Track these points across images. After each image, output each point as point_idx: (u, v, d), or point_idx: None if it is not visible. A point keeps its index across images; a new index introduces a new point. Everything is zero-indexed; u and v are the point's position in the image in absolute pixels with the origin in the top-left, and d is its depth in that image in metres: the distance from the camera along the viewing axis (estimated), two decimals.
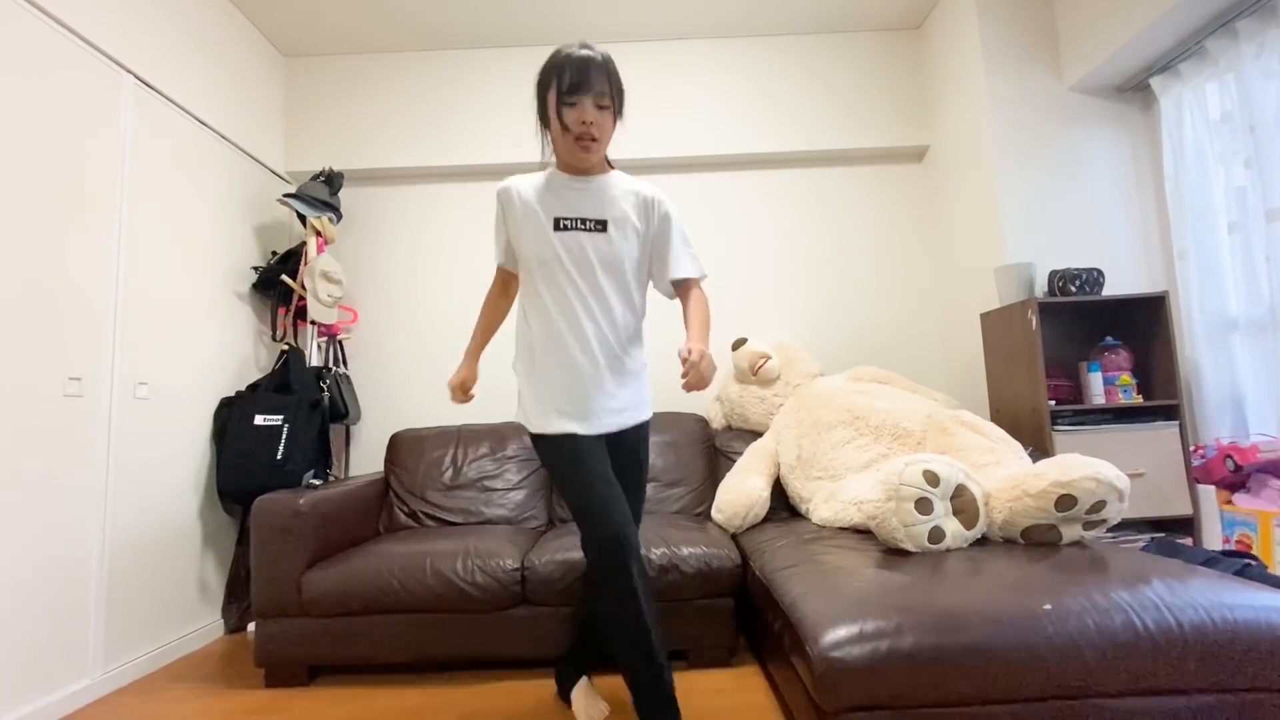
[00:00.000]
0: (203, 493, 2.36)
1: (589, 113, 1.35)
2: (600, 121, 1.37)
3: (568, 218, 1.42)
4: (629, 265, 1.45)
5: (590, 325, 1.41)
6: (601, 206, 1.44)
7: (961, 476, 1.63)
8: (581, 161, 1.42)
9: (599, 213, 1.43)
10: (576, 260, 1.41)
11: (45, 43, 1.82)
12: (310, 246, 2.64)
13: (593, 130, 1.36)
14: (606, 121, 1.39)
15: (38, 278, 1.76)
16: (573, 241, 1.41)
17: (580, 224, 1.42)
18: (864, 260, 3.01)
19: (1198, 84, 2.21)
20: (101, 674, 1.89)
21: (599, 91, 1.35)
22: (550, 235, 1.41)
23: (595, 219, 1.43)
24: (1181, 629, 1.17)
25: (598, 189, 1.45)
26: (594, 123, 1.36)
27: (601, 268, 1.42)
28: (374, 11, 2.76)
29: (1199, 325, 2.22)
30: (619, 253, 1.43)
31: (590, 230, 1.42)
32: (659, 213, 1.48)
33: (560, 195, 1.44)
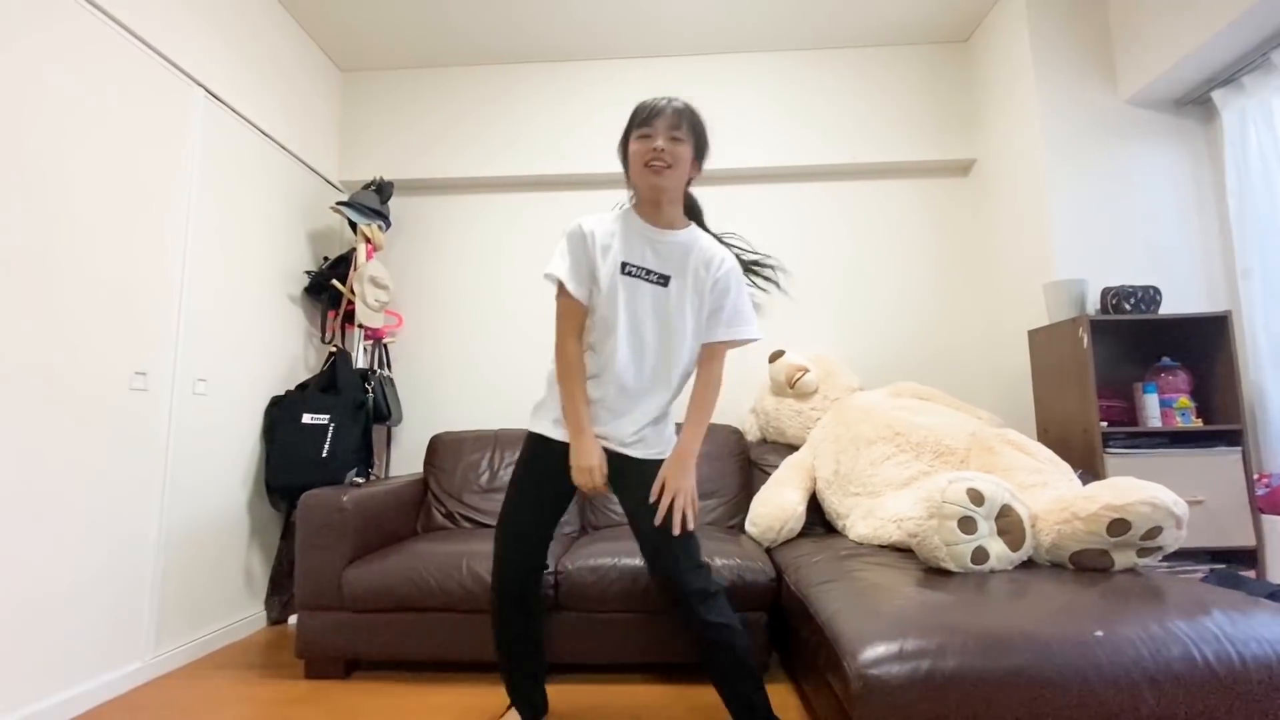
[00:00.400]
0: (251, 487, 2.45)
1: (660, 140, 1.38)
2: (673, 150, 1.38)
3: (634, 265, 1.44)
4: (679, 321, 1.46)
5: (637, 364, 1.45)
6: (668, 263, 1.46)
7: (1007, 496, 1.59)
8: (654, 188, 1.41)
9: (666, 268, 1.45)
10: (629, 305, 1.43)
11: (127, 58, 1.94)
12: (360, 252, 2.73)
13: (664, 156, 1.38)
14: (681, 151, 1.40)
15: (111, 276, 1.86)
16: (634, 288, 1.44)
17: (645, 274, 1.44)
18: (907, 274, 2.97)
19: (1263, 97, 2.13)
20: (152, 657, 1.97)
21: (672, 124, 1.38)
22: (616, 278, 1.43)
23: (659, 273, 1.45)
24: (1244, 662, 1.11)
25: (670, 244, 1.47)
26: (665, 149, 1.37)
27: (655, 318, 1.45)
28: (426, 29, 2.86)
29: (1264, 347, 2.12)
30: (673, 308, 1.45)
31: (653, 282, 1.44)
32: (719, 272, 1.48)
33: (633, 243, 1.46)
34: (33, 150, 1.65)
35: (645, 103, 1.42)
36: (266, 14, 2.59)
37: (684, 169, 1.42)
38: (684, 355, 1.49)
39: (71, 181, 1.75)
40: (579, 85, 3.07)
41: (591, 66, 3.07)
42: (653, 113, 1.39)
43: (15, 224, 1.60)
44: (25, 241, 1.62)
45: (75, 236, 1.75)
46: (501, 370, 3.01)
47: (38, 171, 1.66)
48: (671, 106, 1.40)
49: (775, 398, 2.62)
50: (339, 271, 2.75)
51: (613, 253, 1.44)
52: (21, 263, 1.61)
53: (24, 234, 1.62)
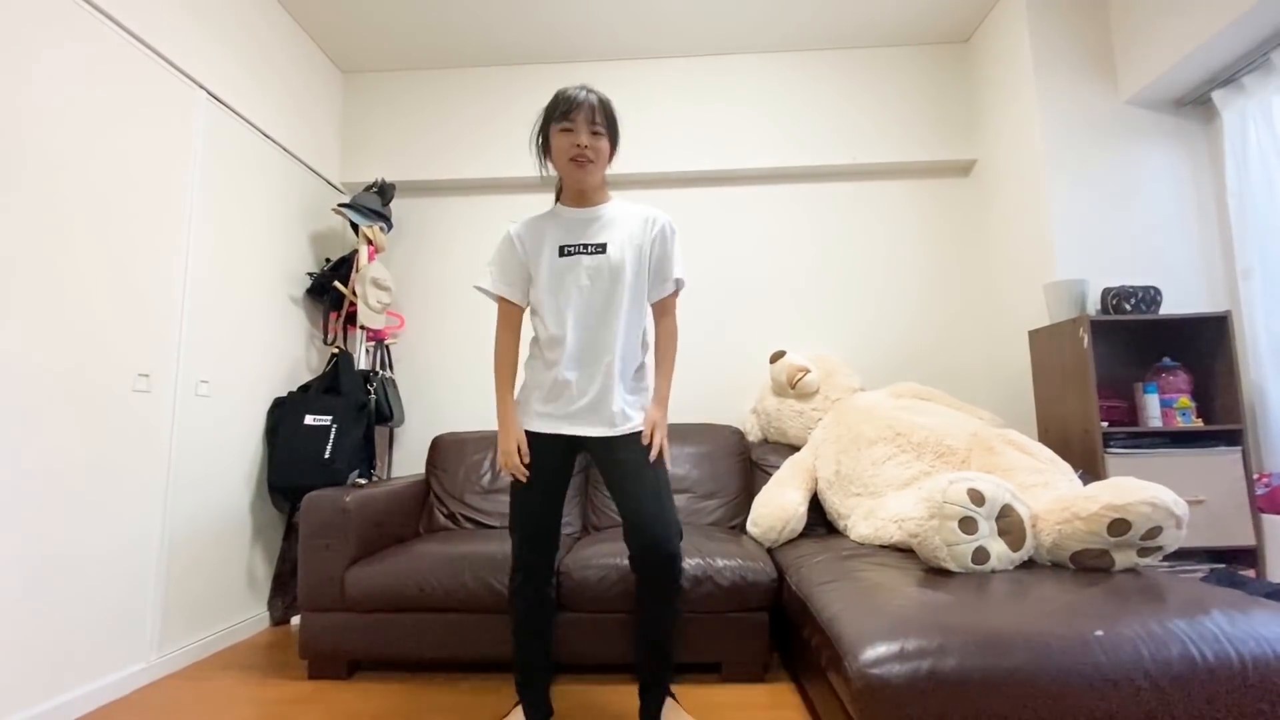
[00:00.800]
0: (254, 488, 2.45)
1: (583, 136, 1.47)
2: (595, 144, 1.49)
3: (571, 244, 1.54)
4: (625, 278, 1.53)
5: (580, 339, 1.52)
6: (601, 232, 1.56)
7: (1008, 496, 1.59)
8: (579, 181, 1.53)
9: (599, 237, 1.55)
10: (577, 281, 1.52)
11: (129, 61, 1.95)
12: (362, 254, 2.74)
13: (588, 153, 1.48)
14: (602, 146, 1.51)
15: (113, 278, 1.87)
16: (575, 265, 1.53)
17: (582, 249, 1.54)
18: (908, 275, 2.97)
19: (1263, 98, 2.13)
20: (156, 658, 1.98)
21: (591, 119, 1.48)
22: (557, 262, 1.53)
23: (595, 243, 1.54)
24: (1243, 662, 1.12)
25: (598, 218, 1.57)
26: (588, 146, 1.48)
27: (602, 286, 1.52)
28: (427, 30, 2.87)
29: (1265, 346, 2.12)
30: (616, 267, 1.52)
31: (591, 253, 1.53)
32: (657, 227, 1.58)
33: (564, 226, 1.57)
34: (34, 152, 1.65)
35: (564, 93, 1.51)
36: (267, 16, 2.60)
37: (604, 160, 1.54)
38: (636, 316, 1.57)
39: (73, 183, 1.76)
40: None
41: (592, 67, 3.08)
42: (572, 105, 1.48)
43: (17, 226, 1.61)
44: (27, 244, 1.63)
45: (77, 238, 1.76)
46: None
47: (39, 174, 1.66)
48: (589, 99, 1.49)
49: (776, 398, 2.62)
50: (341, 273, 2.76)
51: (547, 244, 1.55)
52: (24, 265, 1.62)
53: (26, 237, 1.63)
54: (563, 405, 1.52)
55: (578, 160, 1.49)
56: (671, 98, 3.05)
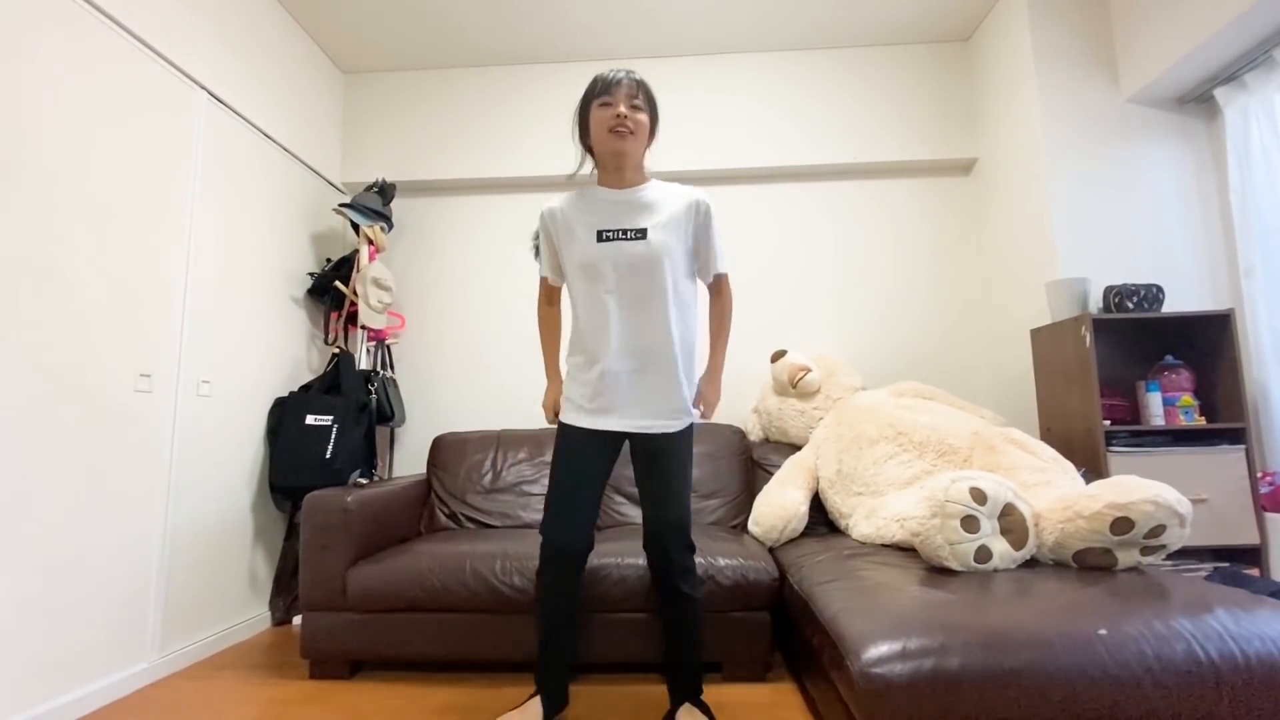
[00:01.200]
0: (255, 488, 2.45)
1: (622, 107, 1.46)
2: (634, 116, 1.47)
3: (609, 229, 1.50)
4: (668, 263, 1.50)
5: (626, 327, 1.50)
6: (640, 216, 1.52)
7: (1010, 495, 1.59)
8: (618, 155, 1.49)
9: (638, 222, 1.51)
10: (618, 268, 1.48)
11: (130, 61, 1.95)
12: (362, 254, 2.74)
13: (627, 122, 1.46)
14: (642, 119, 1.48)
15: (115, 278, 1.87)
16: (615, 251, 1.49)
17: (622, 234, 1.49)
18: (909, 273, 2.97)
19: (1265, 95, 2.13)
20: (158, 658, 1.98)
21: (631, 94, 1.46)
22: (594, 248, 1.49)
23: (635, 229, 1.50)
24: (1247, 660, 1.12)
25: (637, 200, 1.54)
26: (627, 115, 1.46)
27: (643, 272, 1.49)
28: (427, 30, 2.87)
29: (1267, 344, 2.12)
30: (657, 253, 1.49)
31: (631, 239, 1.49)
32: (700, 209, 1.56)
33: (602, 210, 1.53)
34: (35, 153, 1.65)
35: (602, 74, 1.50)
36: (268, 16, 2.60)
37: (644, 136, 1.51)
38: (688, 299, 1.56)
39: (74, 184, 1.76)
40: (581, 86, 3.04)
41: (593, 68, 3.07)
42: (611, 83, 1.47)
43: (18, 227, 1.61)
44: (28, 244, 1.63)
45: (78, 239, 1.76)
46: (504, 371, 3.01)
47: (40, 174, 1.66)
48: (629, 77, 1.48)
49: (778, 397, 2.62)
50: (341, 273, 2.76)
51: (581, 227, 1.52)
52: (25, 265, 1.62)
53: (27, 237, 1.63)
54: (609, 399, 1.51)
55: (617, 131, 1.46)
56: (672, 97, 3.04)
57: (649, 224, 1.50)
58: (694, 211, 1.55)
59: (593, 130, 1.50)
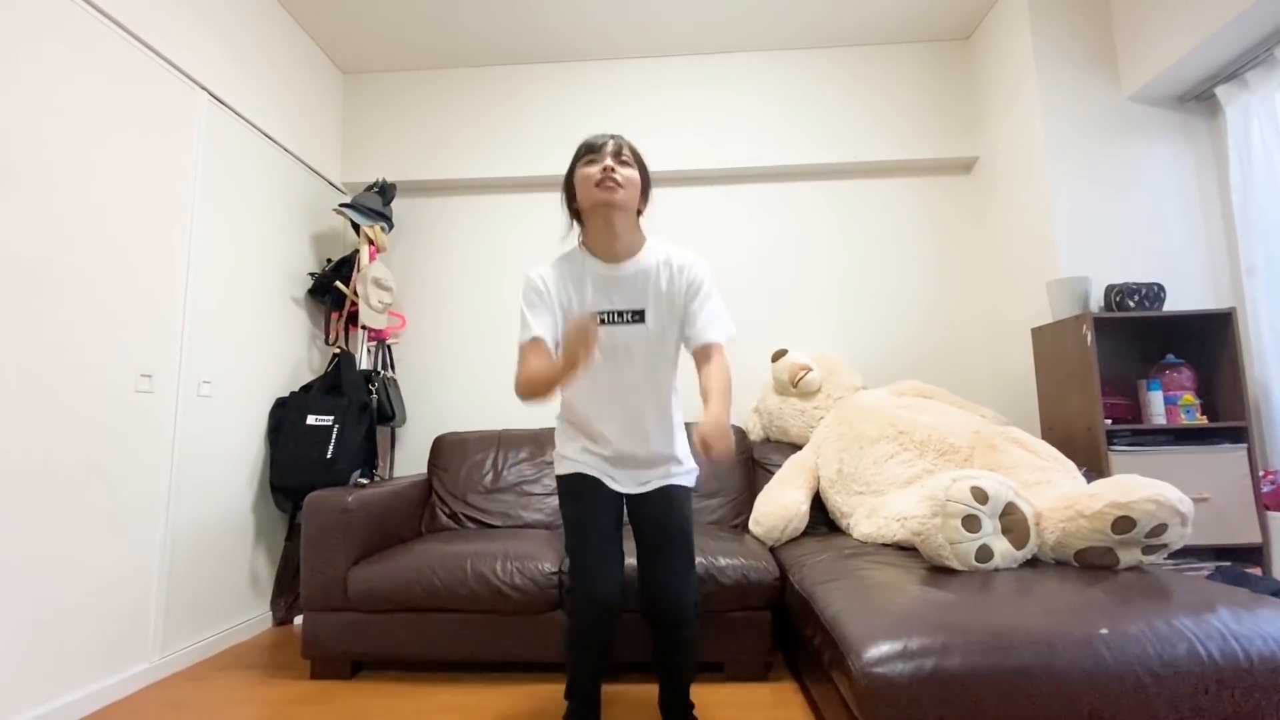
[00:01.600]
0: (256, 488, 2.46)
1: (608, 161, 1.37)
2: (621, 170, 1.37)
3: (608, 312, 1.42)
4: (665, 345, 1.46)
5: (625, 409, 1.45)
6: (637, 295, 1.43)
7: (1011, 494, 1.59)
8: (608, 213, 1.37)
9: (637, 303, 1.43)
10: (617, 352, 1.42)
11: (131, 62, 1.95)
12: (363, 254, 2.74)
13: (615, 175, 1.35)
14: (630, 174, 1.39)
15: (116, 279, 1.87)
16: (613, 335, 1.42)
17: (619, 317, 1.42)
18: (910, 273, 2.96)
19: (1266, 93, 2.12)
20: (160, 658, 1.98)
21: (616, 152, 1.39)
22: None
23: (633, 310, 1.42)
24: (1249, 660, 1.11)
25: (633, 274, 1.43)
26: (615, 169, 1.36)
27: (640, 357, 1.43)
28: (427, 30, 2.86)
29: (1269, 343, 2.12)
30: (656, 338, 1.44)
31: (629, 323, 1.42)
32: (687, 279, 1.45)
33: (598, 287, 1.43)
34: (36, 154, 1.65)
35: (586, 139, 1.43)
36: (268, 17, 2.60)
37: (634, 192, 1.40)
38: (672, 375, 1.50)
39: (75, 185, 1.76)
40: (580, 86, 3.07)
41: (592, 67, 3.07)
42: (596, 145, 1.40)
43: (19, 228, 1.61)
44: (30, 245, 1.63)
45: (79, 240, 1.76)
46: (505, 371, 3.01)
47: (41, 175, 1.66)
48: (614, 140, 1.41)
49: (778, 397, 2.62)
50: (342, 273, 2.76)
51: (576, 305, 1.43)
52: (26, 267, 1.62)
53: (28, 238, 1.63)
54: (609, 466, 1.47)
55: (604, 184, 1.35)
56: (672, 96, 3.04)
57: (647, 305, 1.43)
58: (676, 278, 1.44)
59: (579, 189, 1.40)
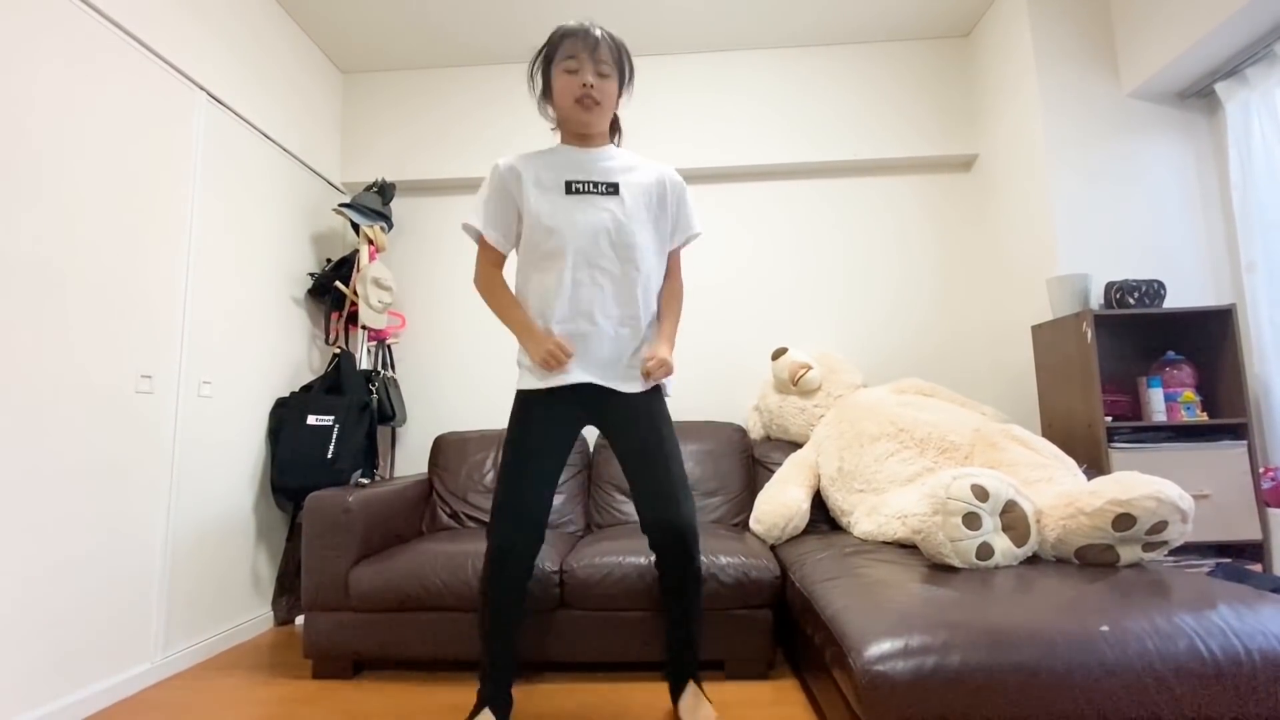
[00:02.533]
0: (257, 488, 2.46)
1: (589, 75, 1.35)
2: (601, 86, 1.37)
3: (579, 180, 1.40)
4: (641, 226, 1.43)
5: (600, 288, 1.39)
6: (612, 171, 1.44)
7: (1011, 492, 1.59)
8: (585, 125, 1.41)
9: (609, 176, 1.42)
10: (590, 223, 1.38)
11: (129, 62, 1.94)
12: (363, 254, 2.74)
13: (593, 94, 1.36)
14: (609, 88, 1.38)
15: (115, 280, 1.87)
16: (587, 204, 1.38)
17: (592, 186, 1.40)
18: (910, 271, 2.96)
19: (1266, 89, 2.12)
20: (161, 659, 1.98)
21: (599, 58, 1.35)
22: (562, 199, 1.38)
23: (606, 182, 1.41)
24: (1250, 656, 1.11)
25: (607, 156, 1.46)
26: (595, 86, 1.35)
27: (615, 230, 1.40)
28: (426, 30, 2.86)
29: (1269, 340, 2.12)
30: (628, 216, 1.41)
31: (603, 193, 1.40)
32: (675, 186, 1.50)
33: (569, 164, 1.43)
34: (35, 154, 1.65)
35: (567, 28, 1.37)
36: (266, 17, 2.60)
37: (612, 103, 1.42)
38: (646, 266, 1.45)
39: (74, 186, 1.76)
40: None
41: None
42: (578, 41, 1.34)
43: (18, 229, 1.61)
44: (29, 247, 1.63)
45: (78, 241, 1.76)
46: (505, 370, 3.01)
47: (40, 176, 1.66)
48: (597, 36, 1.36)
49: (778, 395, 2.62)
50: (342, 273, 2.76)
51: (549, 179, 1.41)
52: (26, 268, 1.62)
53: (27, 239, 1.63)
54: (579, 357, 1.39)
55: (583, 102, 1.36)
56: (672, 95, 3.04)
57: (620, 180, 1.42)
58: (663, 184, 1.49)
59: (556, 95, 1.40)
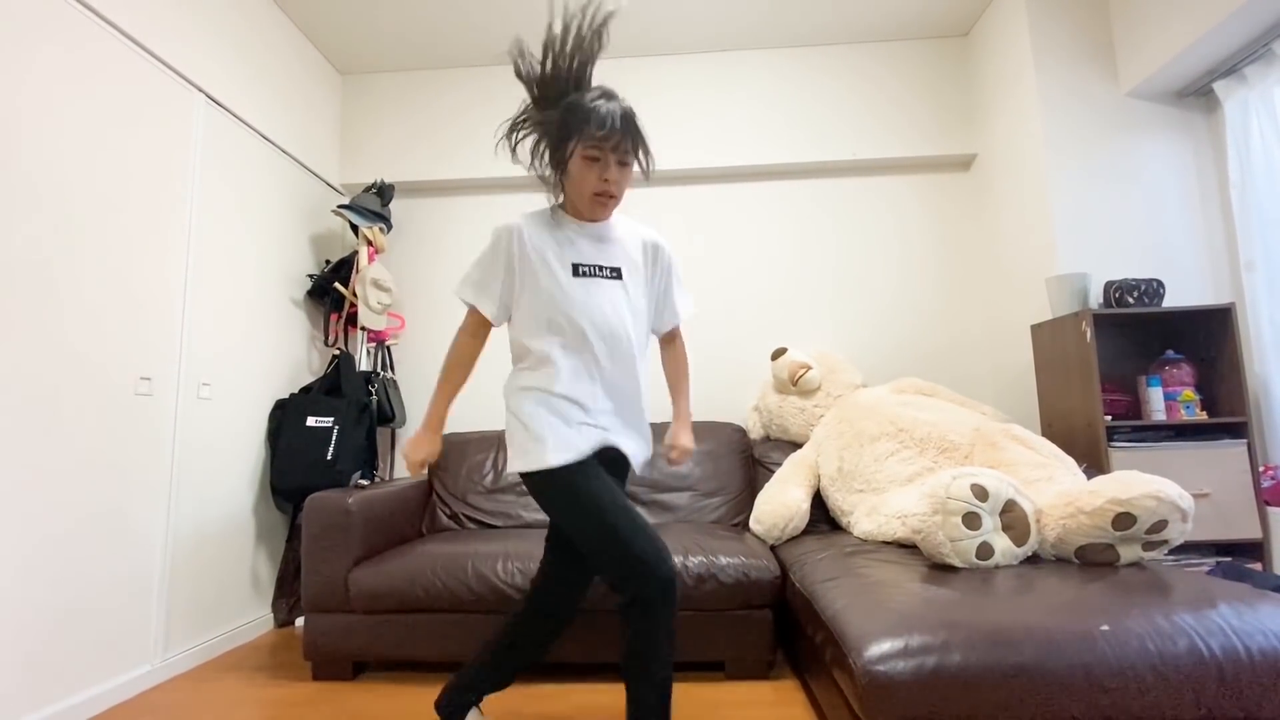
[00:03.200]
0: (257, 490, 2.46)
1: (611, 171, 1.31)
2: (620, 179, 1.34)
3: (585, 264, 1.38)
4: (640, 311, 1.43)
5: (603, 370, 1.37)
6: (613, 254, 1.41)
7: (1011, 491, 1.59)
8: (595, 217, 1.40)
9: (613, 260, 1.41)
10: (596, 307, 1.36)
11: (128, 64, 1.94)
12: (362, 255, 2.74)
13: (612, 189, 1.33)
14: (627, 177, 1.36)
15: (115, 282, 1.87)
16: (593, 288, 1.37)
17: (597, 270, 1.38)
18: (909, 270, 2.96)
19: (1265, 88, 2.12)
20: (161, 660, 1.98)
21: (623, 148, 1.31)
22: (569, 281, 1.35)
23: (610, 266, 1.40)
24: (1250, 655, 1.11)
25: (608, 235, 1.43)
26: (615, 182, 1.33)
27: (616, 315, 1.38)
28: (426, 32, 2.86)
29: (1269, 339, 2.11)
30: (633, 299, 1.41)
31: (608, 278, 1.39)
32: (664, 258, 1.48)
33: (574, 241, 1.39)
34: (34, 156, 1.65)
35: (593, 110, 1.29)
36: (265, 18, 2.60)
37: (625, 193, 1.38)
38: (644, 345, 1.45)
39: (73, 188, 1.75)
40: None
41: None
42: (604, 129, 1.28)
43: (17, 232, 1.61)
44: (28, 249, 1.63)
45: (77, 243, 1.76)
46: (504, 371, 3.00)
47: (39, 178, 1.66)
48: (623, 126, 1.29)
49: (778, 395, 2.62)
50: (341, 274, 2.76)
51: (554, 257, 1.36)
52: (25, 270, 1.62)
53: (26, 242, 1.63)
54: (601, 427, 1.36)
55: (601, 198, 1.34)
56: (671, 95, 3.04)
57: (620, 263, 1.41)
58: (655, 257, 1.46)
59: (573, 176, 1.34)
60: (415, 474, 1.40)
